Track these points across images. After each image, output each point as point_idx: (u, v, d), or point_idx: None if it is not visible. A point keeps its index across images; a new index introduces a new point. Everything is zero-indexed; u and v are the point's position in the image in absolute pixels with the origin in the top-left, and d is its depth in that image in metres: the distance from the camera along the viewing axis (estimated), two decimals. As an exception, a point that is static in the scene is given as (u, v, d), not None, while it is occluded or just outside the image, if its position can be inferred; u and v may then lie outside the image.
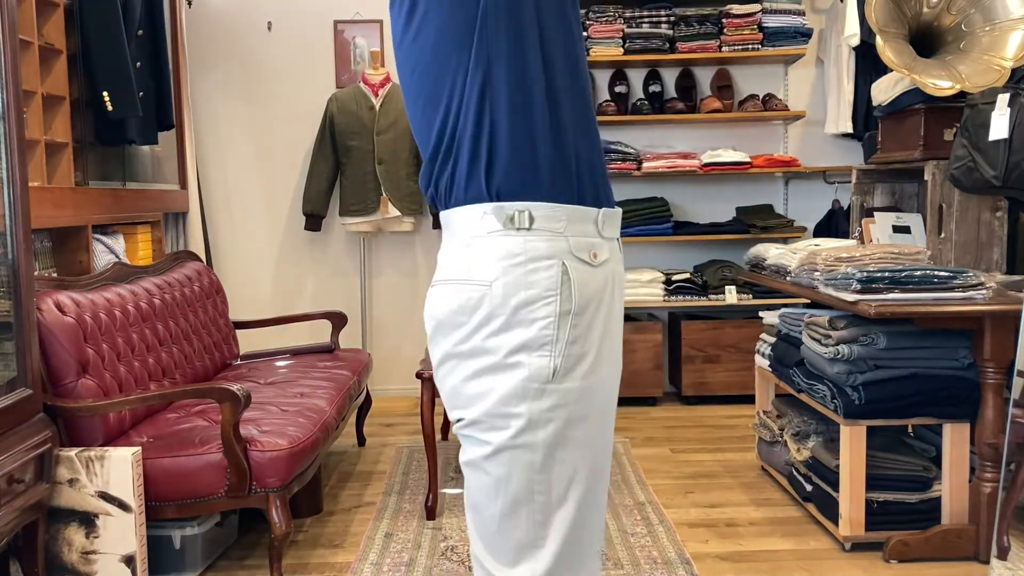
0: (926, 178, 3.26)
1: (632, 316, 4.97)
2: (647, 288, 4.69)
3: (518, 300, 1.20)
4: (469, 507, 1.29)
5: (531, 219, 1.21)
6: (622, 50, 4.74)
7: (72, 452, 2.42)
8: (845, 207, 4.75)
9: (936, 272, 2.66)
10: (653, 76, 5.00)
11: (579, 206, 1.25)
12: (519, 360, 1.20)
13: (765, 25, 4.74)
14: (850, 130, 4.77)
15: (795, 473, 3.20)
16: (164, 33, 4.01)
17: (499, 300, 1.20)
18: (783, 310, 3.40)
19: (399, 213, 4.70)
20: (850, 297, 2.66)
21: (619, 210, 1.34)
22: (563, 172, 1.24)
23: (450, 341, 1.24)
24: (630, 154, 4.78)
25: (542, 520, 1.23)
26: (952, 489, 2.76)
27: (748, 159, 4.77)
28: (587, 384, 1.24)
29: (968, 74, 3.17)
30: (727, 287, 4.73)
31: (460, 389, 1.25)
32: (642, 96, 4.97)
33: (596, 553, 1.30)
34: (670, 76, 5.04)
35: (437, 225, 4.92)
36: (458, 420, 1.27)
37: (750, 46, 4.74)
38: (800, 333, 3.14)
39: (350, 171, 4.73)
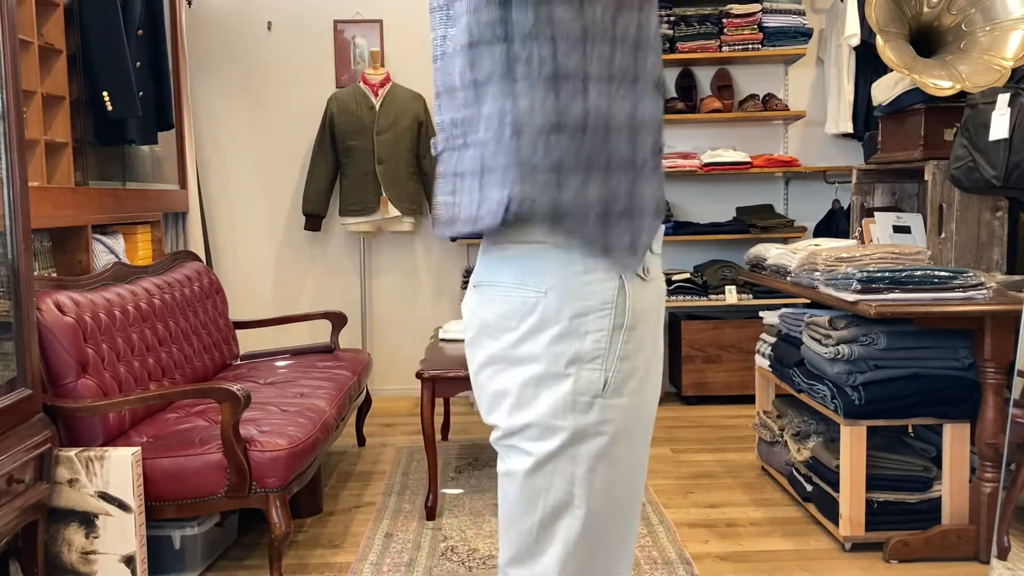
0: (926, 178, 3.26)
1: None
2: (647, 288, 4.69)
3: (573, 310, 1.16)
4: (504, 518, 1.25)
5: None
6: (622, 50, 4.73)
7: (72, 452, 2.42)
8: (845, 207, 4.75)
9: (936, 272, 2.66)
10: (653, 76, 4.99)
11: None
12: (569, 372, 1.17)
13: (765, 25, 4.74)
14: (850, 130, 4.77)
15: (795, 473, 3.20)
16: (164, 33, 4.01)
17: (553, 309, 1.17)
18: (783, 310, 3.40)
19: (399, 213, 4.70)
20: (850, 297, 2.66)
21: (663, 225, 1.32)
22: None
23: (497, 345, 1.21)
24: (630, 154, 4.78)
25: (581, 533, 1.20)
26: (952, 489, 2.76)
27: (748, 159, 4.77)
28: (634, 401, 1.21)
29: (968, 74, 3.17)
30: (727, 287, 4.73)
31: (503, 395, 1.22)
32: (642, 96, 4.97)
33: (630, 566, 1.29)
34: (670, 76, 5.03)
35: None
36: (497, 427, 1.24)
37: (750, 46, 4.74)
38: (800, 333, 3.13)
39: (350, 171, 4.73)
